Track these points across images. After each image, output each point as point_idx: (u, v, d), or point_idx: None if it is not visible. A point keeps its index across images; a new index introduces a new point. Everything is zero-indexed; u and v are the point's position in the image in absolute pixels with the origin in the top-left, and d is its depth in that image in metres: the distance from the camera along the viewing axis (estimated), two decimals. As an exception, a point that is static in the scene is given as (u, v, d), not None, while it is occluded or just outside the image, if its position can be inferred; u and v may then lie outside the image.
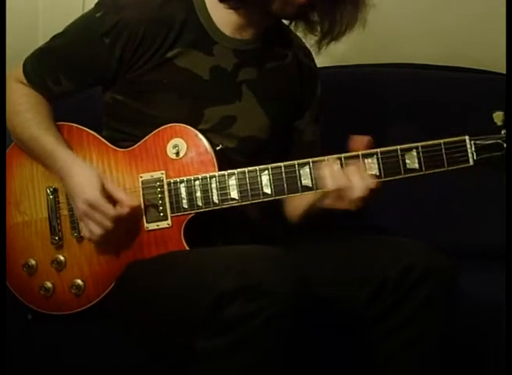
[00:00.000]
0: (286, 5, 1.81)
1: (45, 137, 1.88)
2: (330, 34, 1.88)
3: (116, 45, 1.85)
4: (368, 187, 1.72)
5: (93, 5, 1.91)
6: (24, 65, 1.95)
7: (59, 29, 1.95)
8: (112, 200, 1.79)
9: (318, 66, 2.09)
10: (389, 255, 1.73)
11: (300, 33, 1.97)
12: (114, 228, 1.78)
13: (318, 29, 1.90)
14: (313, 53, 2.02)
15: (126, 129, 1.92)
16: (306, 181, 1.78)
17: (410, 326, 1.70)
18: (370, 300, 1.72)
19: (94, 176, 1.80)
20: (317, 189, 1.77)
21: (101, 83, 1.95)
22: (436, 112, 2.38)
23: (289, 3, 1.81)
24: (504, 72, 2.32)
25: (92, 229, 1.80)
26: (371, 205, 1.76)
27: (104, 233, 1.79)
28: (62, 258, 1.89)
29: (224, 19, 1.89)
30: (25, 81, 1.95)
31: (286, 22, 1.96)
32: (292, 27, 1.96)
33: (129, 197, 1.80)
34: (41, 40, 2.05)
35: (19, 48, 2.05)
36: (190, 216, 1.82)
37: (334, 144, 1.80)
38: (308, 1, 1.80)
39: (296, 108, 2.02)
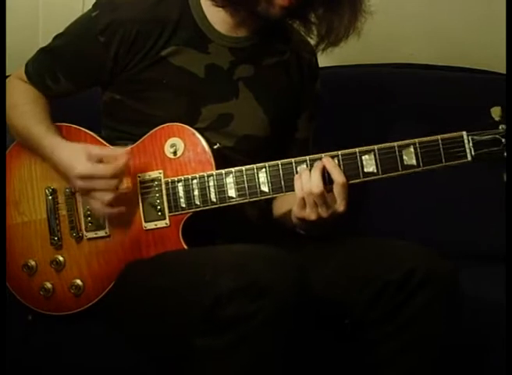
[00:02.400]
0: (270, 7, 1.82)
1: (37, 127, 1.89)
2: (327, 38, 1.88)
3: (111, 44, 1.87)
4: (310, 191, 1.73)
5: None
6: (26, 65, 1.98)
7: (59, 29, 1.96)
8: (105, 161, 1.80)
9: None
10: (391, 259, 1.72)
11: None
12: (118, 188, 1.79)
13: (315, 32, 1.90)
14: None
15: (124, 128, 1.92)
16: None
17: (411, 330, 1.69)
18: (371, 303, 1.71)
19: (78, 149, 1.81)
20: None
21: (99, 83, 1.96)
22: (436, 112, 2.37)
23: (272, 5, 1.81)
24: (504, 72, 2.32)
25: (100, 198, 1.79)
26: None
27: (113, 196, 1.78)
28: (61, 258, 1.89)
29: (219, 17, 1.90)
30: (26, 80, 1.97)
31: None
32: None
33: (118, 149, 1.82)
34: (41, 40, 2.07)
35: (19, 48, 2.06)
36: (188, 215, 1.82)
37: (333, 144, 1.80)
38: (289, 2, 1.80)
39: (295, 105, 2.01)
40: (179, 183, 1.83)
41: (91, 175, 1.77)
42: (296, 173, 1.76)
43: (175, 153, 1.85)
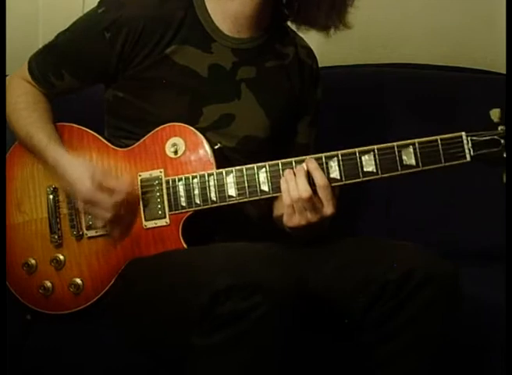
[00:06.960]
0: None
1: (38, 135, 1.90)
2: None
3: (117, 40, 1.88)
4: (299, 197, 1.73)
5: (93, 5, 1.93)
6: (29, 62, 1.97)
7: (59, 29, 1.96)
8: (108, 188, 1.81)
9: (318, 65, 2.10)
10: (390, 259, 1.71)
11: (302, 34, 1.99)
12: (118, 213, 1.81)
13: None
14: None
15: (126, 126, 1.93)
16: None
17: (411, 330, 1.69)
18: (370, 303, 1.71)
19: (81, 170, 1.82)
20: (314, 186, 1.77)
21: (103, 80, 1.96)
22: (436, 112, 2.38)
23: None
24: (504, 72, 2.33)
25: (97, 220, 1.84)
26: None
27: (109, 221, 1.82)
28: (61, 257, 1.89)
29: (223, 17, 1.91)
30: (29, 78, 1.96)
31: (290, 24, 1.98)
32: (294, 27, 1.98)
33: (121, 181, 1.83)
34: (41, 40, 2.07)
35: (19, 48, 2.07)
36: (188, 214, 1.82)
37: (333, 144, 1.80)
38: None
39: (296, 108, 2.01)
40: (180, 183, 1.83)
41: (93, 202, 1.80)
42: (294, 174, 1.76)
43: (176, 152, 1.85)
